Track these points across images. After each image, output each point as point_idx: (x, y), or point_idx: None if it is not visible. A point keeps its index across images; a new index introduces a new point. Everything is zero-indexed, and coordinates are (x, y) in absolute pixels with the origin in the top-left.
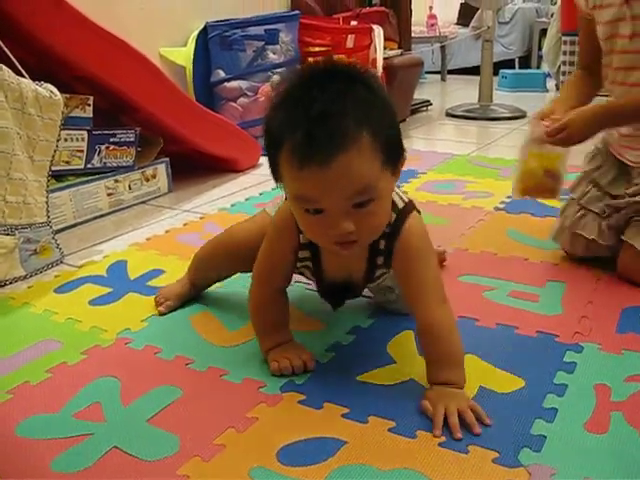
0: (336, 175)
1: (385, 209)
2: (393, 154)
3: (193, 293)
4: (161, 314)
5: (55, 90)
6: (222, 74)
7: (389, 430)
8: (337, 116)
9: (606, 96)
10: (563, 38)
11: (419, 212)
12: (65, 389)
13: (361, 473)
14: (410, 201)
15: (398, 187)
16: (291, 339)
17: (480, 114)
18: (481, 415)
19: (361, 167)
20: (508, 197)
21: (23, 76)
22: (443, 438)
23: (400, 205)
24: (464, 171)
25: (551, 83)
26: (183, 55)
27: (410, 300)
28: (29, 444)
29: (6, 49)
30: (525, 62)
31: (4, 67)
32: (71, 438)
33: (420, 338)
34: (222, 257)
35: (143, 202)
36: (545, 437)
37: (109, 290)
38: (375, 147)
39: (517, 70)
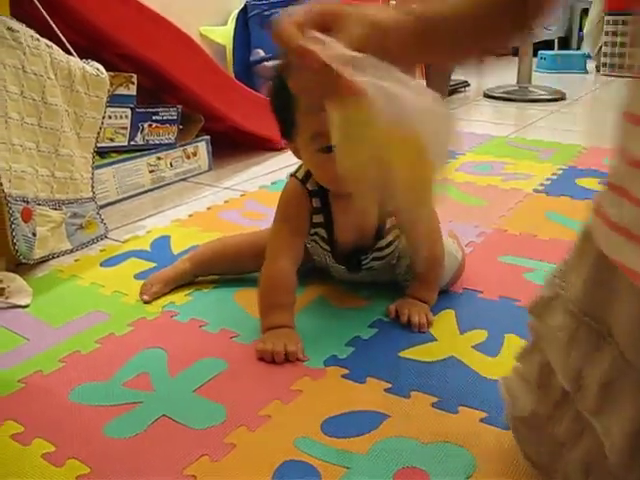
0: None
1: None
2: None
3: (187, 277)
4: (145, 302)
5: (102, 68)
6: (262, 53)
7: (431, 405)
8: None
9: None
10: (606, 18)
11: None
12: (114, 359)
13: (403, 446)
14: None
15: None
16: (290, 325)
17: (518, 96)
18: (430, 324)
19: None
20: (547, 179)
21: (72, 54)
22: (484, 414)
23: None
24: (502, 153)
25: (592, 65)
26: (223, 34)
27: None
28: (82, 410)
29: (56, 28)
30: (565, 43)
31: (54, 46)
32: (122, 405)
33: (417, 264)
34: (245, 255)
35: (184, 179)
36: None
37: (153, 265)
38: None
39: (556, 51)
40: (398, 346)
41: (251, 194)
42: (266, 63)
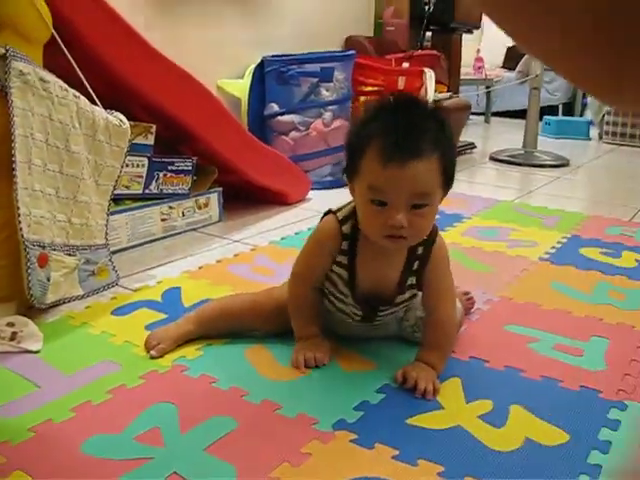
0: (408, 175)
1: (432, 217)
2: (448, 180)
3: (193, 337)
4: (152, 358)
5: (124, 119)
6: (276, 108)
7: (438, 474)
8: (419, 132)
9: None
10: None
11: None
12: (126, 411)
13: None
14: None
15: (443, 230)
16: (318, 334)
17: (523, 160)
18: (437, 392)
19: (427, 176)
20: (552, 247)
21: (97, 104)
22: None
23: None
24: (508, 218)
25: (594, 132)
26: (239, 87)
27: (432, 298)
28: (93, 462)
29: (84, 79)
30: (569, 109)
31: (81, 96)
32: (134, 460)
33: (429, 327)
34: (247, 316)
35: (194, 229)
36: None
37: (165, 316)
38: (439, 168)
39: (561, 117)
40: (405, 413)
41: (261, 249)
42: (280, 117)
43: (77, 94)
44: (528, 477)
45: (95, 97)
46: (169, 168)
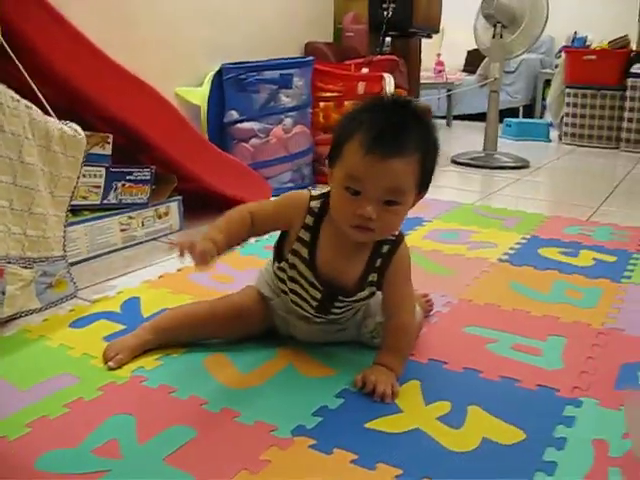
0: (385, 170)
1: (402, 217)
2: (424, 183)
3: (151, 347)
4: (111, 369)
5: (79, 129)
6: (235, 115)
7: (396, 477)
8: (405, 132)
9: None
10: (567, 90)
11: None
12: (83, 424)
13: None
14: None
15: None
16: (215, 238)
17: (484, 162)
18: (395, 395)
19: (404, 174)
20: (511, 249)
21: (50, 115)
22: None
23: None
24: (469, 220)
25: (554, 133)
26: (198, 95)
27: (392, 303)
28: (49, 478)
29: (37, 89)
30: (529, 111)
31: (34, 107)
32: (91, 474)
33: (389, 332)
34: (205, 324)
35: (154, 239)
36: None
37: (123, 327)
38: (417, 169)
39: (521, 119)
40: (364, 417)
41: (222, 257)
42: (239, 125)
43: (29, 104)
44: (485, 477)
45: (48, 107)
46: (127, 178)
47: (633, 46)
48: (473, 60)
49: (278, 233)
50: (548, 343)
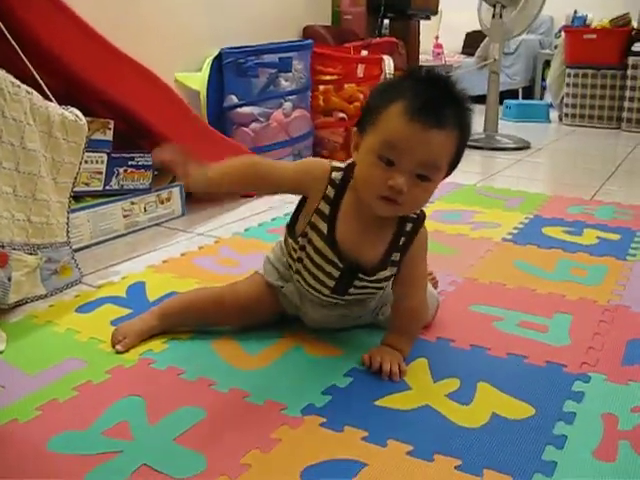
0: (426, 140)
1: (429, 194)
2: (454, 162)
3: (157, 332)
4: (118, 353)
5: (80, 114)
6: (235, 99)
7: (407, 453)
8: (448, 107)
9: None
10: (567, 70)
11: None
12: (92, 407)
13: None
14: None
15: None
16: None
17: (485, 144)
18: (403, 373)
19: (442, 148)
20: (515, 228)
21: (51, 100)
22: (459, 462)
23: None
24: (471, 201)
25: (554, 114)
26: (198, 80)
27: (408, 282)
28: (61, 459)
29: (36, 75)
30: (528, 92)
31: (34, 92)
32: (102, 455)
33: (399, 314)
34: (211, 312)
35: (157, 224)
36: (556, 463)
37: (130, 311)
38: (454, 146)
39: (521, 100)
40: (374, 395)
41: (225, 241)
42: (239, 109)
43: (30, 90)
44: (496, 451)
45: (49, 92)
46: (129, 163)
47: (634, 24)
48: (471, 42)
49: (282, 219)
50: (554, 320)
